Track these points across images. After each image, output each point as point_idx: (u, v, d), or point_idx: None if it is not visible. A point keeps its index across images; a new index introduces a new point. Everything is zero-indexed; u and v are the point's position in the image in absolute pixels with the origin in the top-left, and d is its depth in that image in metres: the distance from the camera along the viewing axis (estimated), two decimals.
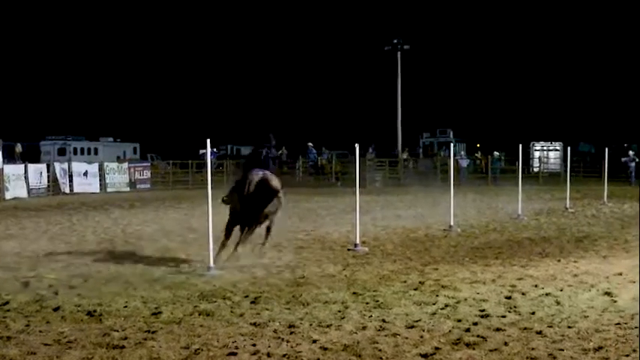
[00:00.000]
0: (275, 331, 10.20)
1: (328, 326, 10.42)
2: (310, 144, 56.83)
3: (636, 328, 10.17)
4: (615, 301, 11.84)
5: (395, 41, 64.32)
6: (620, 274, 14.37)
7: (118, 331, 10.18)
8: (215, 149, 60.35)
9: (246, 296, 12.43)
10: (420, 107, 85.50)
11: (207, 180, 15.87)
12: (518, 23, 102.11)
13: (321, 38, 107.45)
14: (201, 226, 17.52)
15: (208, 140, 15.77)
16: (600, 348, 9.28)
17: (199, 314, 11.15)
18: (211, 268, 14.65)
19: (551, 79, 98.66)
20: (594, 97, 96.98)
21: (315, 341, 9.68)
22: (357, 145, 20.20)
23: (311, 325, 10.50)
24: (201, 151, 57.08)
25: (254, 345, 9.52)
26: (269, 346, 9.46)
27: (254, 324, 10.54)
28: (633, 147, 64.13)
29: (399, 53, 64.00)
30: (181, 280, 13.88)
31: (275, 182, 15.88)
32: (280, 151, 15.88)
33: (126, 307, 11.63)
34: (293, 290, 12.90)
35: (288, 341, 9.69)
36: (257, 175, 15.80)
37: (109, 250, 18.45)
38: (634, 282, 13.49)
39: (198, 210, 28.35)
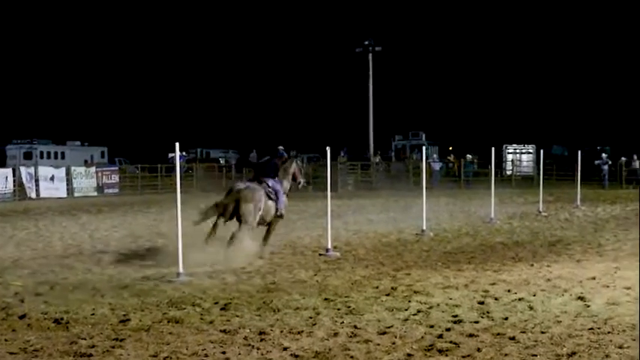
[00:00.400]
0: (245, 338, 10.08)
1: (299, 333, 10.30)
2: (281, 147, 56.46)
3: (609, 333, 10.12)
4: (588, 306, 11.78)
5: (366, 43, 64.21)
6: (594, 278, 14.32)
7: (85, 339, 10.03)
8: (184, 153, 60.00)
9: (216, 303, 12.29)
10: (392, 110, 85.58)
11: (176, 184, 15.70)
12: (490, 25, 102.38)
13: (291, 40, 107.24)
14: (171, 231, 17.34)
15: (177, 144, 15.62)
16: (573, 353, 9.21)
17: (168, 321, 11.00)
18: (181, 275, 14.48)
19: (524, 81, 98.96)
20: (567, 99, 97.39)
21: (285, 348, 9.57)
22: (328, 149, 20.09)
23: (282, 331, 10.38)
24: (170, 155, 56.71)
25: (224, 352, 9.40)
26: (239, 354, 9.35)
27: (224, 331, 10.42)
28: (606, 150, 64.44)
29: (370, 55, 63.90)
30: (150, 287, 13.73)
31: (250, 194, 17.79)
32: (294, 161, 17.10)
33: (93, 314, 11.47)
34: (264, 296, 12.78)
35: (258, 348, 9.58)
36: (239, 186, 18.35)
37: (77, 256, 18.26)
38: (607, 286, 13.46)
39: (168, 215, 28.04)
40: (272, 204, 18.46)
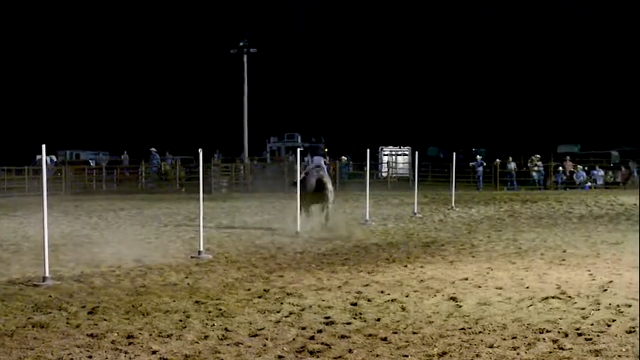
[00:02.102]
0: (113, 342, 9.85)
1: (169, 336, 10.11)
2: (153, 149, 56.04)
3: (480, 333, 10.17)
4: (460, 307, 11.83)
5: (241, 44, 64.02)
6: (466, 279, 14.43)
7: None
8: (53, 157, 58.71)
9: (84, 307, 11.99)
10: (267, 111, 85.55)
11: (42, 187, 15.23)
12: (362, 26, 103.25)
13: (165, 41, 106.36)
14: (37, 234, 16.90)
15: (44, 146, 15.14)
16: (444, 353, 9.22)
17: (33, 326, 10.68)
18: (47, 279, 14.08)
19: (400, 83, 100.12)
20: (443, 102, 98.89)
21: (154, 352, 9.40)
22: (200, 151, 19.84)
23: (151, 335, 10.17)
24: (38, 157, 55.44)
25: (90, 357, 9.19)
26: (106, 358, 9.17)
27: (91, 335, 10.17)
28: (481, 152, 65.64)
29: (245, 56, 63.73)
30: (15, 291, 13.34)
31: (327, 181, 24.15)
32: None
33: None
34: (133, 300, 12.51)
35: (126, 352, 9.39)
36: (315, 175, 24.16)
37: None
38: (479, 287, 13.57)
39: (34, 218, 27.37)
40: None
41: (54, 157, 59.21)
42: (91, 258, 17.40)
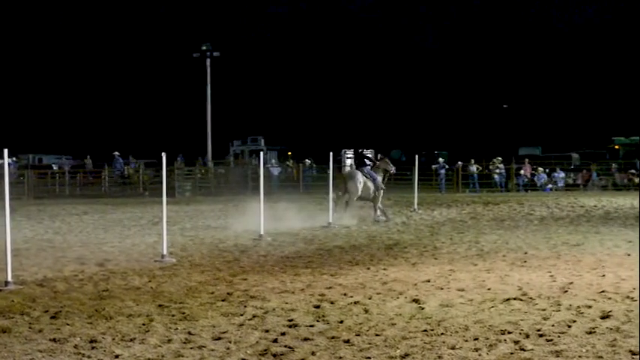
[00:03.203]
0: (75, 346, 9.82)
1: (132, 340, 10.10)
2: (117, 153, 55.83)
3: (442, 334, 10.24)
4: (423, 308, 11.90)
5: (204, 48, 63.90)
6: (429, 281, 14.50)
7: None
8: (14, 158, 58.34)
9: (46, 311, 11.93)
10: (230, 114, 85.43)
11: (5, 191, 15.15)
12: (327, 30, 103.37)
13: (127, 44, 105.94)
14: None
15: (6, 150, 15.06)
16: (407, 355, 9.28)
17: None
18: (9, 283, 14.02)
19: (362, 86, 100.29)
20: (406, 105, 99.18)
21: (117, 356, 9.39)
22: (163, 154, 19.78)
23: (114, 339, 10.15)
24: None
25: None
26: None
27: (53, 340, 10.12)
28: (443, 154, 65.86)
29: (208, 60, 63.60)
30: None
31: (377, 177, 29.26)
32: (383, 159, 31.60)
33: None
34: (96, 304, 12.47)
35: (89, 357, 9.38)
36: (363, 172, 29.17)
37: None
38: (441, 289, 13.65)
39: None
40: (370, 183, 28.98)
41: (14, 159, 58.79)
42: (54, 262, 17.36)
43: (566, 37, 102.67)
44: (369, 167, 29.97)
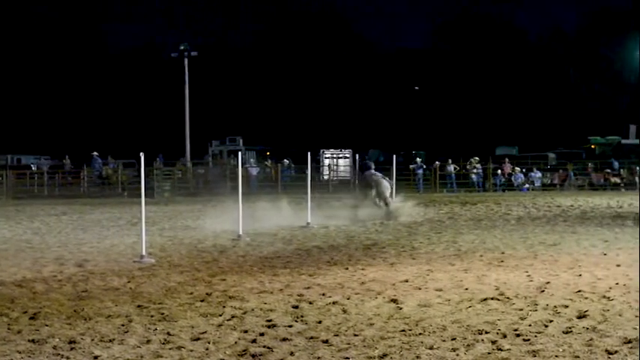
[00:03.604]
0: (54, 347, 9.80)
1: (111, 341, 10.09)
2: (95, 153, 55.68)
3: (420, 334, 10.29)
4: (401, 308, 11.94)
5: (182, 48, 63.79)
6: (406, 281, 14.55)
7: None
8: None
9: (25, 312, 11.91)
10: (209, 114, 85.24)
11: None
12: (305, 31, 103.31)
13: (106, 44, 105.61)
14: None
15: None
16: (385, 355, 9.31)
17: None
18: None
19: (340, 87, 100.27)
20: (383, 105, 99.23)
21: (96, 357, 9.38)
22: (142, 154, 19.77)
23: (93, 340, 10.14)
24: None
25: None
26: None
27: (32, 340, 10.10)
28: (421, 154, 65.98)
29: (186, 60, 63.49)
30: None
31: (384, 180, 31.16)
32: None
33: None
34: (75, 305, 12.46)
35: (68, 357, 9.36)
36: (374, 175, 31.41)
37: None
38: (419, 289, 13.71)
39: None
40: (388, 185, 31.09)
41: None
42: (33, 263, 17.34)
43: (544, 38, 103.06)
44: (373, 170, 32.23)
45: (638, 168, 54.25)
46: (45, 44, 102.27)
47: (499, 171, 54.64)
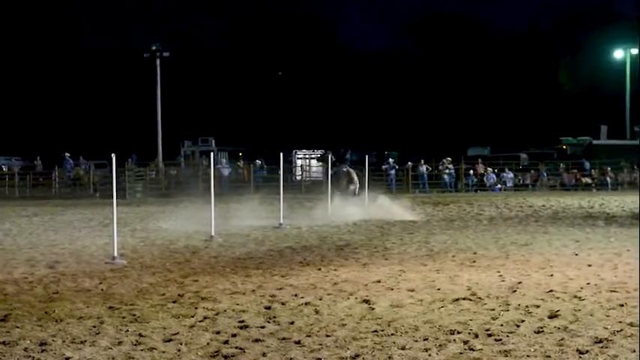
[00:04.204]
0: (26, 349, 9.77)
1: (82, 342, 10.06)
2: (67, 154, 55.41)
3: (392, 335, 10.31)
4: (373, 309, 11.96)
5: (154, 48, 63.56)
6: (379, 281, 14.58)
7: None
8: None
9: None
10: (181, 115, 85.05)
11: None
12: (277, 30, 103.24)
13: (78, 44, 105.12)
14: None
15: None
16: (357, 356, 9.33)
17: None
18: None
19: (311, 86, 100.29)
20: (355, 105, 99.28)
21: (67, 358, 9.38)
22: (113, 155, 19.70)
23: (64, 341, 10.10)
24: None
25: None
26: None
27: (3, 343, 10.07)
28: (393, 155, 66.10)
29: (158, 60, 63.26)
30: None
31: (352, 172, 33.86)
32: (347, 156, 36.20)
33: None
34: (46, 306, 12.40)
35: (39, 359, 9.31)
36: (344, 168, 33.83)
37: None
38: (392, 289, 13.74)
39: None
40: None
41: None
42: (4, 265, 17.23)
43: (516, 38, 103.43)
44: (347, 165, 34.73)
45: (636, 167, 54.69)
46: (16, 44, 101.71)
47: (471, 171, 54.84)
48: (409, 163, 55.09)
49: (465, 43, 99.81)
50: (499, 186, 53.59)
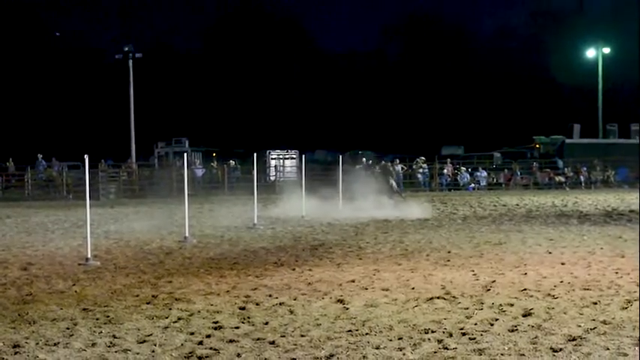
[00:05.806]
0: None
1: (56, 344, 10.02)
2: (40, 155, 55.13)
3: (367, 334, 10.33)
4: (347, 309, 11.98)
5: (126, 49, 63.31)
6: (353, 281, 14.59)
7: None
8: None
9: None
10: (154, 116, 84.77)
11: None
12: (250, 32, 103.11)
13: (49, 45, 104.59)
14: None
15: None
16: (332, 355, 9.35)
17: None
18: None
19: (286, 86, 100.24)
20: (329, 105, 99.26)
21: None
22: (86, 156, 19.61)
23: (37, 343, 10.07)
24: None
25: None
26: None
27: None
28: (367, 154, 66.14)
29: (130, 61, 63.01)
30: None
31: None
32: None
33: None
34: (19, 308, 12.34)
35: None
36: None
37: None
38: (366, 289, 13.76)
39: None
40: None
41: None
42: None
43: (489, 38, 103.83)
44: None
45: (608, 166, 55.01)
46: None
47: (445, 170, 54.98)
48: (383, 162, 55.10)
49: (438, 44, 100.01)
50: (473, 185, 53.76)
